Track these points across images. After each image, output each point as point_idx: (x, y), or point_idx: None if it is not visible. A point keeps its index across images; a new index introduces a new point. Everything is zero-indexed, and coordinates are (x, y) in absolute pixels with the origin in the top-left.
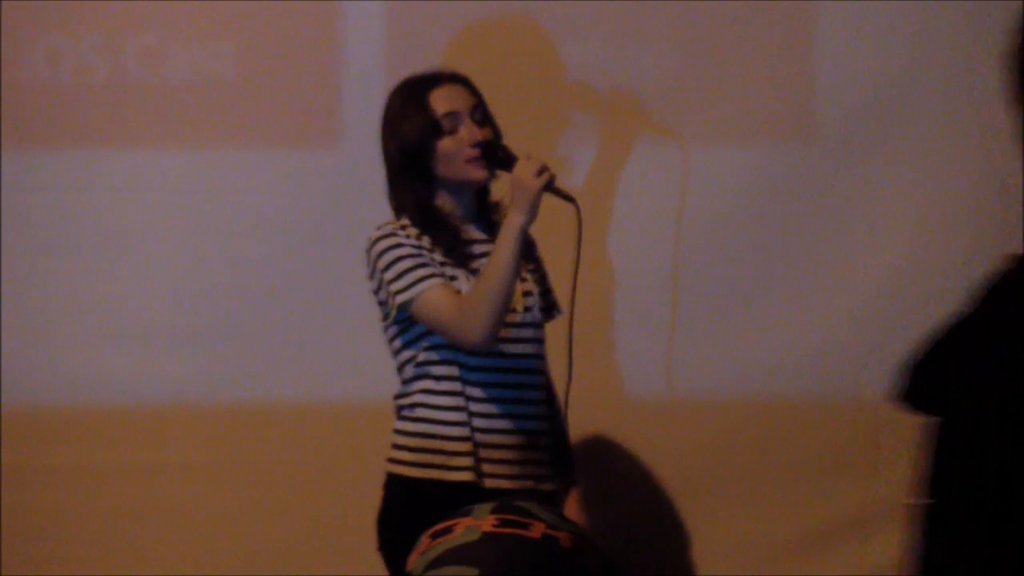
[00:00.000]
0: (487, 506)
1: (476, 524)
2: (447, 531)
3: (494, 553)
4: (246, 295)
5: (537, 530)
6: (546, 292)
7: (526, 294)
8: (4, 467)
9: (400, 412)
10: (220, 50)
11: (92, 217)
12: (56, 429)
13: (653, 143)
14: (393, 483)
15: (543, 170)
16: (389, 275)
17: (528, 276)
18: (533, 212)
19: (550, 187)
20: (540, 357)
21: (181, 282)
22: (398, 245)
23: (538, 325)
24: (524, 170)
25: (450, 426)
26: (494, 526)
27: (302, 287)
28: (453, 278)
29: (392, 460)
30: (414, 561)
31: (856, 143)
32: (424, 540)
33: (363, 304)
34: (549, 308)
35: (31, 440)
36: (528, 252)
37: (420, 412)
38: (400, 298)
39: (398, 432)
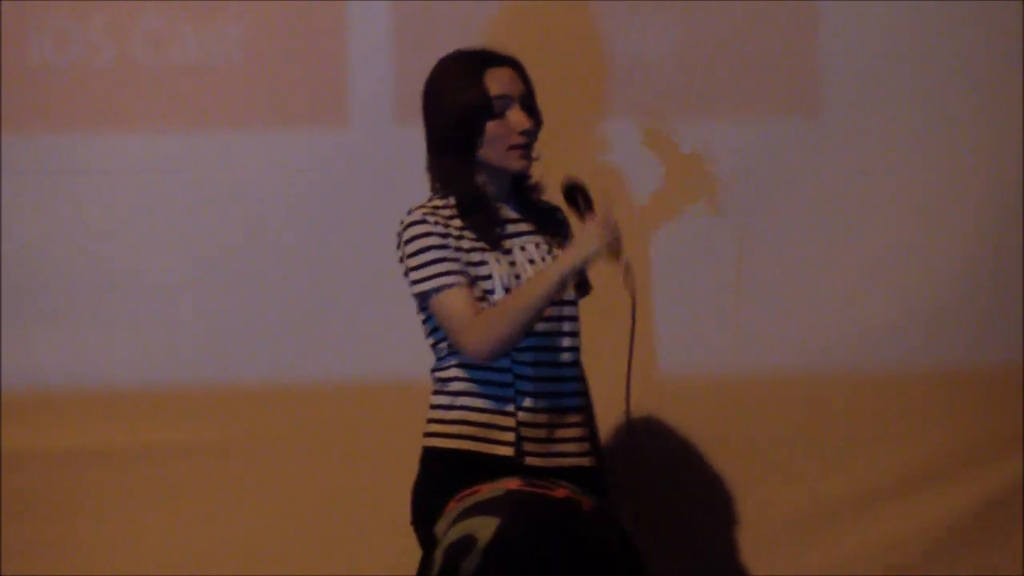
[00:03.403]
0: (514, 476)
1: (501, 485)
2: (472, 493)
3: (517, 505)
4: (252, 277)
5: (561, 492)
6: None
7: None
8: (4, 450)
9: (436, 386)
10: (227, 31)
11: (97, 200)
12: (56, 412)
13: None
14: (430, 456)
15: (615, 242)
16: (413, 262)
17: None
18: (587, 265)
19: (613, 255)
20: (575, 334)
21: (184, 265)
22: (427, 234)
23: (569, 303)
24: (599, 230)
25: (492, 401)
26: (519, 486)
27: (309, 268)
28: (483, 263)
29: (429, 434)
30: (441, 524)
31: (864, 116)
32: (451, 504)
33: (371, 284)
34: (580, 286)
35: (31, 423)
36: (558, 226)
37: (457, 386)
38: (416, 288)
39: (434, 407)
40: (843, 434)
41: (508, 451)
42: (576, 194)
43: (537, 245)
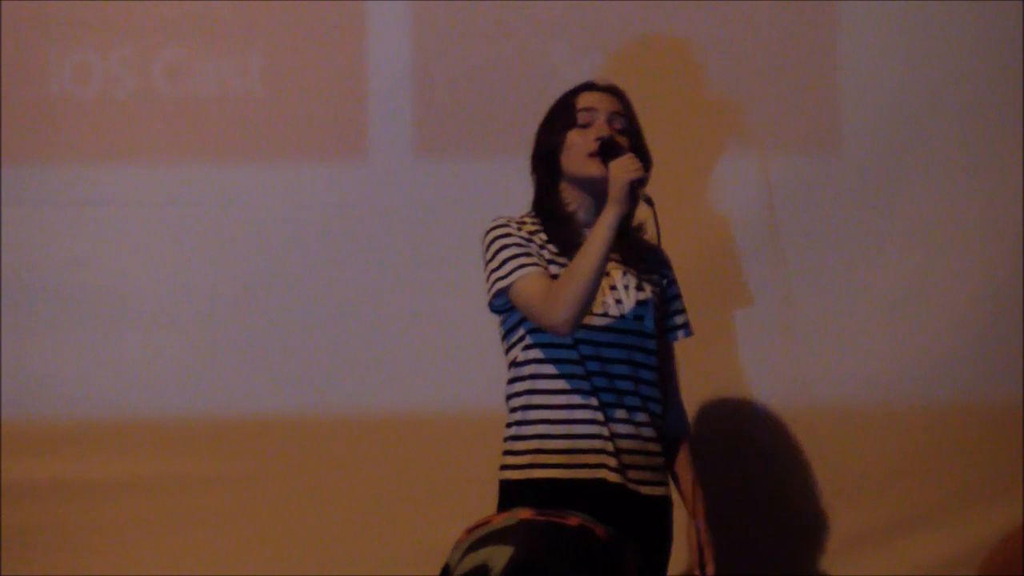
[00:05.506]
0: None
1: (513, 514)
2: (484, 524)
3: (530, 534)
4: (267, 309)
5: (574, 521)
6: (675, 312)
7: (640, 303)
8: (4, 480)
9: (509, 415)
10: (246, 64)
11: (113, 232)
12: (56, 442)
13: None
14: (506, 489)
15: (634, 169)
16: (493, 264)
17: (647, 287)
18: (623, 206)
19: (638, 187)
20: (646, 367)
21: (199, 297)
22: (506, 235)
23: (647, 335)
24: (619, 166)
25: (575, 425)
26: (532, 515)
27: (326, 300)
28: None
29: (503, 467)
30: (454, 554)
31: (881, 155)
32: (462, 534)
33: (388, 317)
34: (678, 327)
35: (33, 453)
36: (654, 265)
37: (525, 414)
38: (498, 284)
39: (507, 438)
40: (841, 471)
41: (604, 474)
42: (609, 148)
43: (624, 273)
